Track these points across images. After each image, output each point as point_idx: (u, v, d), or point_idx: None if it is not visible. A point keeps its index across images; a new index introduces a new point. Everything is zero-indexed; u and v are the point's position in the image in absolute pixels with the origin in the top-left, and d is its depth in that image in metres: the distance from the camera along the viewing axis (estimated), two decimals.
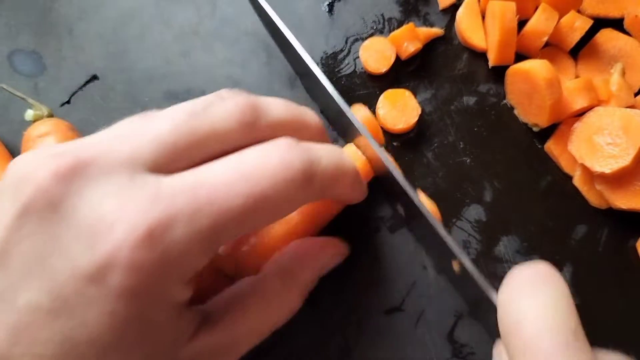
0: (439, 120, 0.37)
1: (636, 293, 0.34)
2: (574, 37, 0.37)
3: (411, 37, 0.37)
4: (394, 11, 0.40)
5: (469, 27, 0.38)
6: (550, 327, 0.21)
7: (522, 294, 0.23)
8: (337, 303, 0.33)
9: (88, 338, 0.19)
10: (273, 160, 0.22)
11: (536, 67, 0.34)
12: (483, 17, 0.38)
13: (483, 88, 0.38)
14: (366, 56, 0.37)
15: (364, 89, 0.38)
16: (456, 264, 0.28)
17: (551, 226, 0.35)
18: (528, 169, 0.36)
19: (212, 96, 0.24)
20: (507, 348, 0.22)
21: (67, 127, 0.34)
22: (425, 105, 0.37)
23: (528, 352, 0.21)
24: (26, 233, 0.19)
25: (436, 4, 0.40)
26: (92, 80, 0.38)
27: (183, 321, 0.23)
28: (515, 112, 0.37)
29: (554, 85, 0.34)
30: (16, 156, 0.34)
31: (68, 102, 0.37)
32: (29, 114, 0.34)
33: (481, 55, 0.38)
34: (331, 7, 0.40)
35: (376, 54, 0.37)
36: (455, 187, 0.36)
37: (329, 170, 0.25)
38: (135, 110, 0.37)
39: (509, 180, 0.36)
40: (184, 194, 0.20)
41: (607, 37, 0.38)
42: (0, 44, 0.38)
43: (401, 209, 0.34)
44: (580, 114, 0.35)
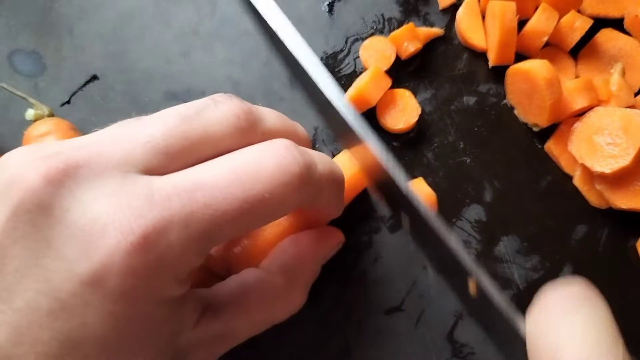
0: (439, 120, 0.37)
1: (636, 293, 0.34)
2: (574, 37, 0.37)
3: (411, 37, 0.37)
4: (394, 11, 0.40)
5: (469, 27, 0.38)
6: (594, 357, 0.18)
7: (557, 320, 0.20)
8: (337, 303, 0.33)
9: (90, 338, 0.19)
10: (270, 162, 0.22)
11: (536, 67, 0.34)
12: (483, 17, 0.38)
13: (483, 88, 0.38)
14: (366, 56, 0.37)
15: None
16: (472, 284, 0.25)
17: (551, 226, 0.35)
18: (528, 169, 0.36)
19: (207, 100, 0.24)
20: None
21: (68, 127, 0.34)
22: (425, 105, 0.37)
23: None
24: (19, 236, 0.19)
25: (436, 4, 0.40)
26: (92, 80, 0.38)
27: (183, 312, 0.23)
28: (515, 112, 0.37)
29: (554, 85, 0.34)
30: None
31: (68, 102, 0.37)
32: (30, 114, 0.34)
33: (481, 55, 0.38)
34: (331, 7, 0.40)
35: (376, 54, 0.37)
36: (455, 187, 0.36)
37: (325, 175, 0.24)
38: (135, 110, 0.37)
39: (509, 180, 0.36)
40: (179, 197, 0.20)
41: (607, 37, 0.38)
42: (0, 44, 0.38)
43: (406, 219, 0.33)
44: (580, 114, 0.35)
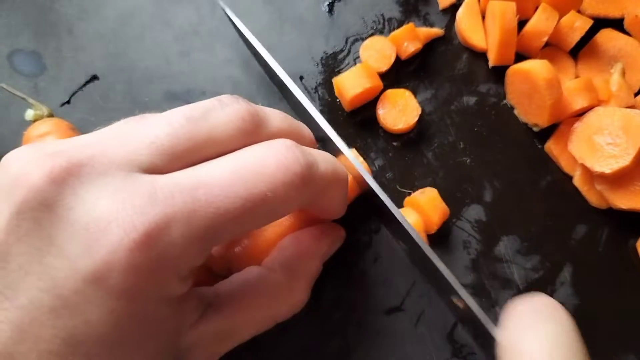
0: (439, 120, 0.37)
1: (636, 293, 0.34)
2: (574, 37, 0.37)
3: (411, 37, 0.37)
4: (394, 11, 0.40)
5: (469, 27, 0.38)
6: None
7: (524, 329, 0.22)
8: (337, 303, 0.33)
9: (92, 335, 0.19)
10: (271, 162, 0.22)
11: (536, 67, 0.34)
12: (483, 17, 0.38)
13: (483, 88, 0.38)
14: (366, 56, 0.37)
15: None
16: (459, 301, 0.28)
17: (551, 226, 0.35)
18: (528, 169, 0.36)
19: (213, 101, 0.24)
20: None
21: (68, 127, 0.34)
22: (425, 105, 0.37)
23: None
24: (23, 233, 0.19)
25: (436, 4, 0.40)
26: (92, 80, 0.38)
27: (185, 310, 0.23)
28: (515, 112, 0.37)
29: (554, 85, 0.34)
30: None
31: (68, 102, 0.37)
32: (29, 114, 0.34)
33: (481, 55, 0.38)
34: (331, 7, 0.40)
35: (376, 54, 0.37)
36: (455, 187, 0.36)
37: (327, 174, 0.24)
38: (135, 110, 0.37)
39: (509, 180, 0.36)
40: (182, 195, 0.20)
41: (607, 37, 0.38)
42: (0, 44, 0.38)
43: (390, 229, 0.34)
44: (580, 114, 0.35)
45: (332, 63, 0.38)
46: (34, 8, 0.39)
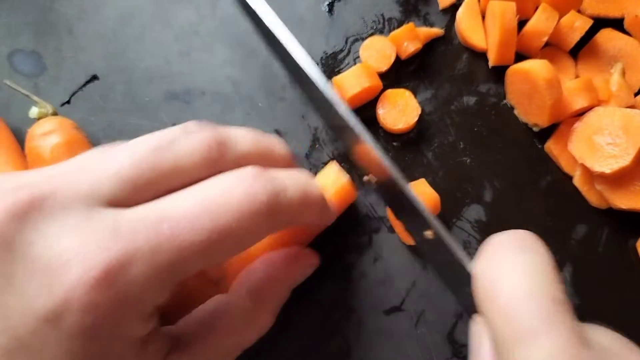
0: (439, 120, 0.37)
1: (636, 293, 0.34)
2: (574, 37, 0.37)
3: (411, 37, 0.37)
4: (394, 11, 0.40)
5: (469, 27, 0.38)
6: (528, 293, 0.19)
7: (500, 260, 0.21)
8: (337, 303, 0.33)
9: None
10: (237, 192, 0.22)
11: (536, 67, 0.34)
12: (483, 17, 0.38)
13: (483, 88, 0.38)
14: (366, 55, 0.37)
15: None
16: (431, 230, 0.27)
17: (551, 226, 0.35)
18: (528, 169, 0.36)
19: (178, 129, 0.24)
20: (484, 318, 0.21)
21: (71, 125, 0.33)
22: (425, 105, 0.37)
23: (504, 320, 0.19)
24: None
25: (436, 4, 0.40)
26: (92, 80, 0.38)
27: (148, 352, 0.22)
28: (515, 112, 0.37)
29: (554, 85, 0.34)
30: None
31: (68, 102, 0.37)
32: (34, 112, 0.34)
33: (481, 55, 0.38)
34: (331, 7, 0.40)
35: (376, 54, 0.37)
36: (455, 187, 0.36)
37: (295, 199, 0.24)
38: (135, 110, 0.37)
39: (509, 180, 0.36)
40: (145, 230, 0.20)
41: (607, 37, 0.38)
42: (0, 44, 0.38)
43: (372, 177, 0.32)
44: (580, 114, 0.35)
45: (332, 63, 0.38)
46: (34, 8, 0.39)
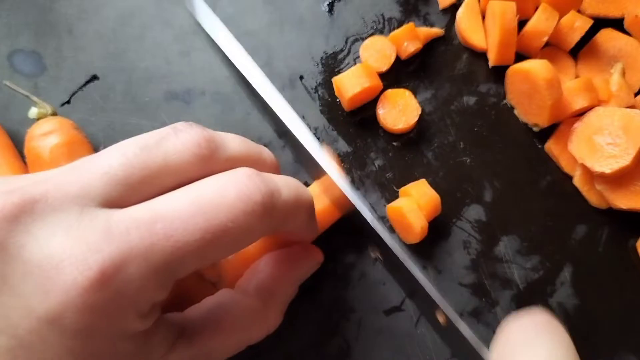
0: (439, 120, 0.37)
1: (636, 293, 0.34)
2: (574, 37, 0.37)
3: (411, 37, 0.37)
4: (394, 11, 0.40)
5: (469, 27, 0.38)
6: None
7: (519, 350, 0.20)
8: (337, 303, 0.33)
9: None
10: (232, 192, 0.22)
11: (536, 67, 0.34)
12: (483, 17, 0.38)
13: (483, 88, 0.38)
14: (366, 55, 0.37)
15: None
16: (440, 315, 0.26)
17: (551, 226, 0.35)
18: (528, 169, 0.36)
19: (167, 129, 0.24)
20: None
21: (71, 126, 0.33)
22: (425, 105, 0.37)
23: None
24: None
25: (436, 4, 0.40)
26: (92, 80, 0.38)
27: (153, 343, 0.22)
28: (515, 112, 0.37)
29: (554, 85, 0.34)
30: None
31: (68, 102, 0.37)
32: (33, 112, 0.34)
33: (481, 55, 0.38)
34: (331, 7, 0.40)
35: (376, 54, 0.37)
36: (455, 187, 0.36)
37: (289, 201, 0.24)
38: (135, 110, 0.37)
39: (509, 180, 0.36)
40: (138, 230, 0.20)
41: (607, 37, 0.38)
42: (0, 44, 0.38)
43: (375, 251, 0.33)
44: (580, 114, 0.35)
45: (332, 63, 0.38)
46: (34, 8, 0.39)
